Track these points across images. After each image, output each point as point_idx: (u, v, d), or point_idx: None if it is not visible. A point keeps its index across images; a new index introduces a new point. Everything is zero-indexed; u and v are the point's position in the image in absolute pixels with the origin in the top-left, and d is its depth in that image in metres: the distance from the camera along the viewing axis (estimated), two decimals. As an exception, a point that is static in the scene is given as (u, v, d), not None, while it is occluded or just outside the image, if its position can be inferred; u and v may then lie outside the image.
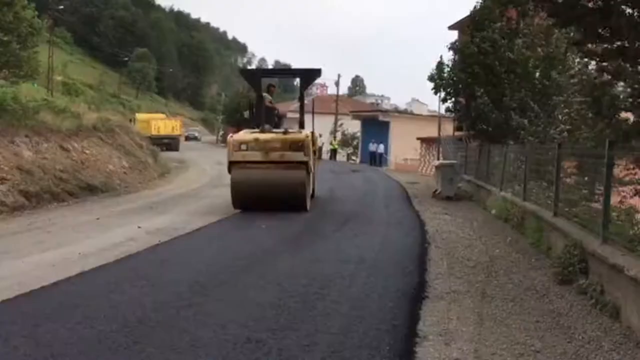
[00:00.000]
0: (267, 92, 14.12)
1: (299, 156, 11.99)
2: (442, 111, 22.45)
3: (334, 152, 40.27)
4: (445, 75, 18.68)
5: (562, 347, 4.90)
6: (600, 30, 7.71)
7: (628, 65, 7.76)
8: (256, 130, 12.92)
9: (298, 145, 12.04)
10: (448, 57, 19.21)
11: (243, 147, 12.06)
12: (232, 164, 12.15)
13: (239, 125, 59.66)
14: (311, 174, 12.73)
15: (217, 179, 20.77)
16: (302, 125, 13.74)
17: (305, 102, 15.38)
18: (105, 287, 6.11)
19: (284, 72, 30.81)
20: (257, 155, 11.96)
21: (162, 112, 59.09)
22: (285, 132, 12.54)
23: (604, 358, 4.70)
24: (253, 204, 11.90)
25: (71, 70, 65.09)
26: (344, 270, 7.09)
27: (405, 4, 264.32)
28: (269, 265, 7.21)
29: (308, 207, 12.23)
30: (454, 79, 18.29)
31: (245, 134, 12.68)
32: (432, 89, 19.04)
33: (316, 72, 14.11)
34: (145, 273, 6.75)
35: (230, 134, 13.13)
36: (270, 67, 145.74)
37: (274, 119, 13.90)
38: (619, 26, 7.32)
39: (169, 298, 5.65)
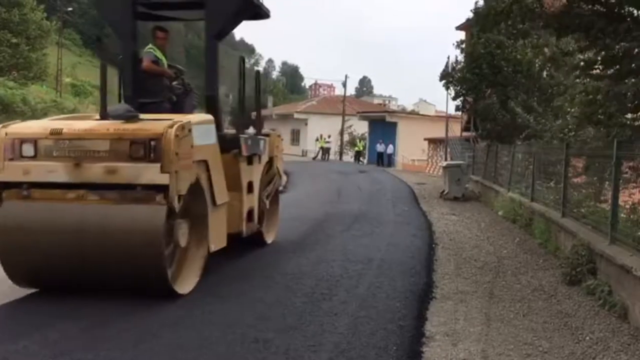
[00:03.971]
0: (154, 44, 7.09)
1: (147, 173, 5.34)
2: (450, 111, 22.44)
3: (325, 151, 40.03)
4: (456, 72, 18.71)
5: (570, 348, 4.89)
6: (602, 35, 7.68)
7: (633, 66, 7.74)
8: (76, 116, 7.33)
9: (144, 148, 5.39)
10: (457, 55, 19.29)
11: (26, 149, 5.55)
12: None
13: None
14: (250, 208, 7.34)
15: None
16: (259, 125, 8.20)
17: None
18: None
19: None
20: (54, 170, 5.48)
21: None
22: (131, 119, 5.73)
23: (612, 359, 4.69)
24: (50, 280, 5.65)
25: (80, 71, 65.40)
26: (351, 270, 7.09)
27: (413, 5, 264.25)
28: (275, 265, 7.23)
29: (186, 290, 5.76)
30: (464, 76, 18.28)
31: (33, 123, 6.28)
32: (443, 85, 19.06)
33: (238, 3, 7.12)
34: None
35: (2, 125, 5.87)
36: (278, 69, 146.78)
37: (162, 94, 6.93)
38: (626, 28, 7.30)
39: (176, 297, 5.67)
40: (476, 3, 17.47)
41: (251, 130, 8.04)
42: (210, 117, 6.39)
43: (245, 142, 7.14)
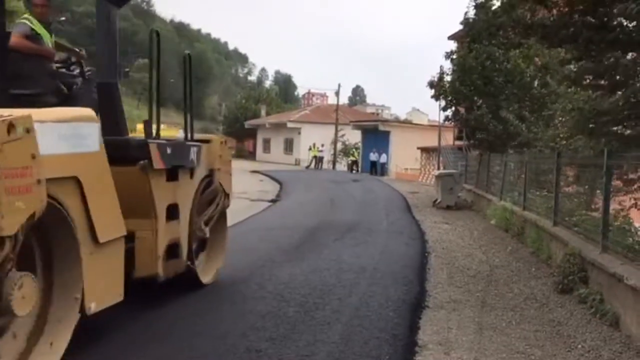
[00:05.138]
0: (31, 13, 5.29)
1: None
2: (442, 121, 22.55)
3: (319, 160, 40.09)
4: (446, 84, 18.77)
5: (562, 356, 4.90)
6: (594, 47, 7.77)
7: (623, 78, 7.82)
8: None
9: None
10: (447, 66, 19.33)
11: None
12: None
13: (239, 135, 59.67)
14: (172, 241, 5.55)
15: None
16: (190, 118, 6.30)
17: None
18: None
19: None
20: None
21: (163, 123, 59.25)
22: None
23: (604, 367, 4.69)
24: None
25: (72, 81, 65.37)
26: (344, 280, 7.09)
27: (405, 14, 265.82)
28: (268, 275, 7.21)
29: None
30: (455, 88, 18.37)
31: None
32: (432, 97, 19.12)
33: None
34: (143, 284, 6.74)
35: None
36: (271, 77, 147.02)
37: (42, 82, 5.11)
38: (617, 40, 7.39)
39: (167, 309, 5.64)
40: (466, 14, 17.66)
41: (180, 134, 6.63)
42: (88, 112, 4.29)
43: (159, 151, 5.18)
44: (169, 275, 5.49)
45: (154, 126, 5.50)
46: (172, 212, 5.47)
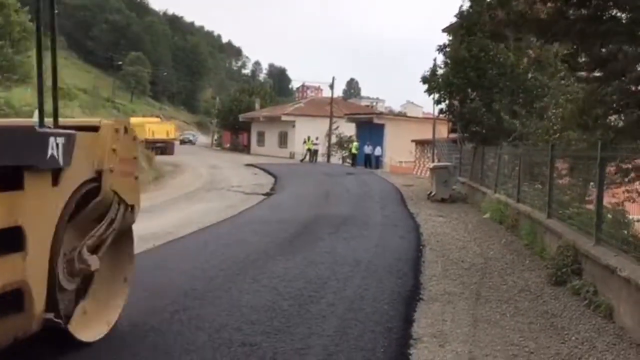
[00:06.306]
0: None
1: None
2: (437, 113, 22.53)
3: (313, 153, 40.08)
4: (439, 77, 18.74)
5: (556, 348, 4.92)
6: (589, 39, 7.77)
7: (616, 69, 7.83)
8: None
9: None
10: (440, 59, 19.29)
11: None
12: None
13: (233, 128, 59.39)
14: (13, 285, 3.62)
15: (211, 183, 20.76)
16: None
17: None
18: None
19: None
20: None
21: (157, 116, 59.08)
22: None
23: (598, 358, 4.72)
24: None
25: (65, 74, 64.83)
26: (339, 273, 7.09)
27: (399, 7, 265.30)
28: (263, 269, 7.21)
29: None
30: (448, 81, 18.35)
31: None
32: (425, 91, 19.10)
33: None
34: (139, 277, 6.71)
35: None
36: (265, 71, 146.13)
37: None
38: (611, 32, 7.39)
39: (163, 302, 5.63)
40: (460, 7, 17.61)
41: (34, 118, 4.98)
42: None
43: None
44: (7, 342, 3.61)
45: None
46: (13, 240, 3.61)
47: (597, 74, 8.52)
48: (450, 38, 19.91)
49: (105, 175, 4.46)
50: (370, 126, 40.23)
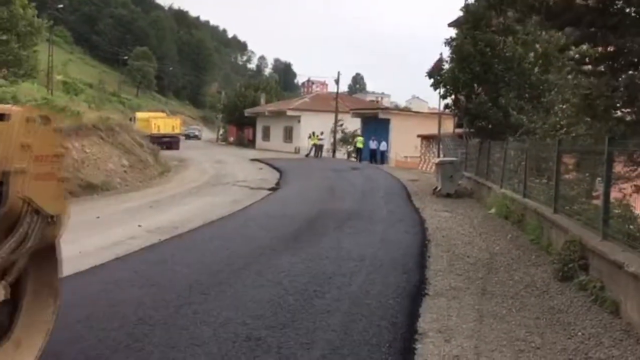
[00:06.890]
0: None
1: None
2: (442, 108, 22.43)
3: (318, 148, 40.06)
4: (445, 72, 18.66)
5: (562, 344, 4.90)
6: (597, 31, 7.71)
7: (624, 63, 7.78)
8: None
9: None
10: (447, 53, 19.21)
11: None
12: None
13: (238, 123, 59.44)
14: None
15: (216, 178, 20.78)
16: None
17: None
18: (105, 285, 6.10)
19: None
20: None
21: (162, 111, 59.17)
22: None
23: (604, 354, 4.69)
24: None
25: (71, 69, 65.11)
26: (344, 268, 7.09)
27: (405, 3, 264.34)
28: (268, 264, 7.21)
29: None
30: (454, 75, 18.26)
31: None
32: (431, 85, 19.04)
33: None
34: (145, 272, 6.75)
35: None
36: (270, 65, 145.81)
37: None
38: (620, 25, 7.33)
39: (169, 297, 5.64)
40: (466, 1, 17.52)
41: None
42: None
43: None
44: None
45: None
46: None
47: (602, 68, 8.47)
48: (456, 32, 19.82)
49: (13, 178, 3.33)
50: (376, 121, 40.13)
